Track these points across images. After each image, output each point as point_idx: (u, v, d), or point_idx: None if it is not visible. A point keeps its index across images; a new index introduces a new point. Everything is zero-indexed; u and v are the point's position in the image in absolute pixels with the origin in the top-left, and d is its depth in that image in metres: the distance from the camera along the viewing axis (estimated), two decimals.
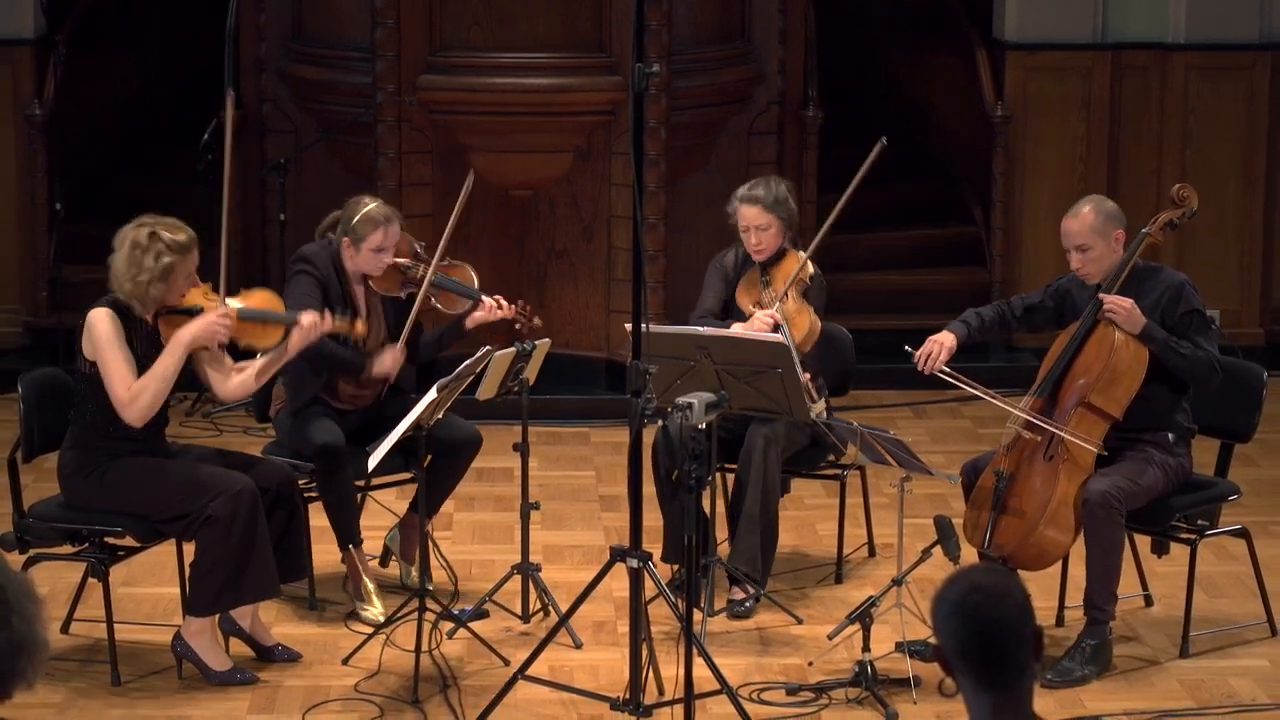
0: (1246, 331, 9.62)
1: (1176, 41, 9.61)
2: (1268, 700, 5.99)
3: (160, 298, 5.96)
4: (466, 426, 6.64)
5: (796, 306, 6.70)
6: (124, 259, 5.93)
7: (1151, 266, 6.33)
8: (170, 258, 5.92)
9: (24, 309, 9.49)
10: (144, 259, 5.90)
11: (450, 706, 5.86)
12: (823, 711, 5.90)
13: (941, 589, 3.17)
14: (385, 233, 6.51)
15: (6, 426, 8.04)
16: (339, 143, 8.97)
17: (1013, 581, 3.17)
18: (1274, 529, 7.48)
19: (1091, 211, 6.23)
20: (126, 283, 5.92)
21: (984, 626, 3.12)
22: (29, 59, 9.38)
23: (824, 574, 6.99)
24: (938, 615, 3.17)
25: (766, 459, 6.53)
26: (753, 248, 6.77)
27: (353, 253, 6.54)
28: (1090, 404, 6.14)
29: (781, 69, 9.24)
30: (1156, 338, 6.13)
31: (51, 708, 5.84)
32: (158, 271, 5.90)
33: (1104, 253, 6.21)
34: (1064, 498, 6.10)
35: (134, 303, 5.96)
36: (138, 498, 5.98)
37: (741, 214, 6.76)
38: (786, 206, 6.76)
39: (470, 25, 8.68)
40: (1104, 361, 6.14)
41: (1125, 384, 6.14)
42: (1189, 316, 6.17)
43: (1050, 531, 6.10)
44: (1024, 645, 3.12)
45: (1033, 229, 9.70)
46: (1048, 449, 6.17)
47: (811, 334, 6.67)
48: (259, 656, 6.19)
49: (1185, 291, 6.21)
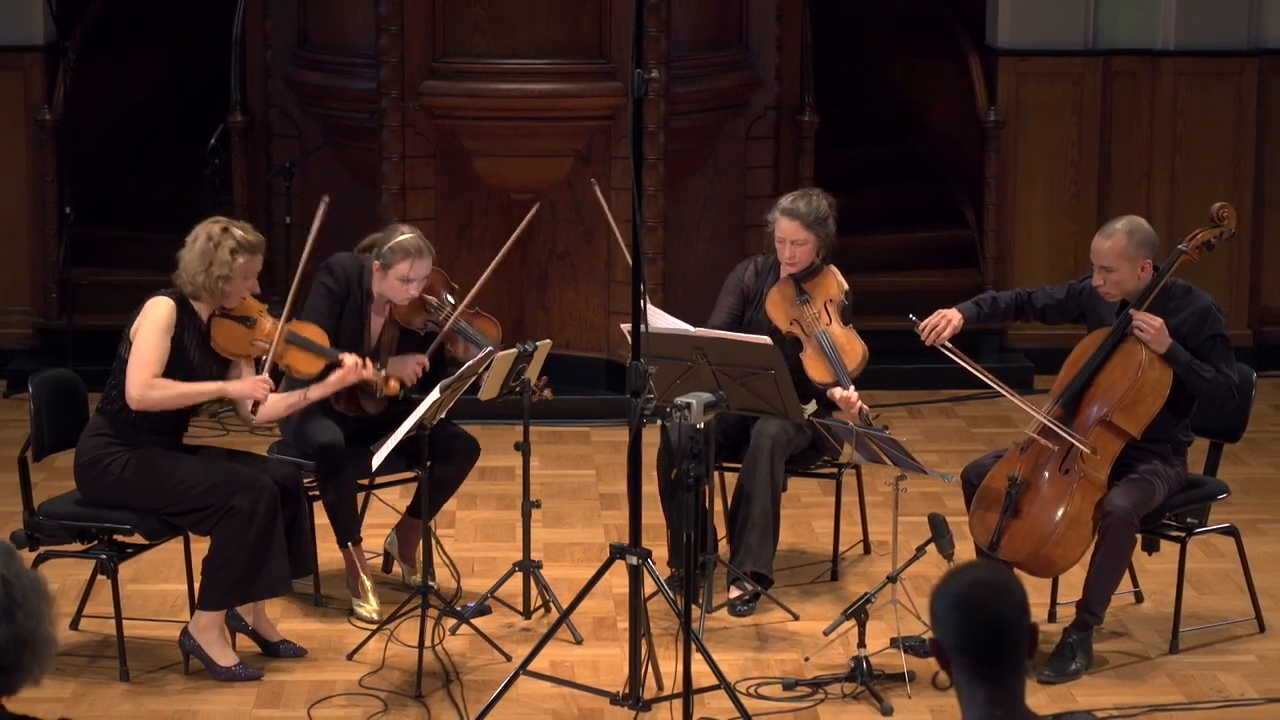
0: (1235, 333, 9.51)
1: (1166, 47, 9.63)
2: (1256, 695, 6.01)
3: (225, 294, 6.03)
4: (464, 435, 6.64)
5: (845, 334, 6.66)
6: (198, 252, 6.02)
7: (1183, 286, 6.25)
8: (243, 256, 6.02)
9: (34, 311, 9.51)
10: (218, 253, 5.99)
11: (453, 701, 5.88)
12: (819, 706, 5.91)
13: (941, 583, 3.19)
14: (414, 264, 6.47)
15: (17, 426, 8.11)
16: (344, 147, 8.99)
17: (1011, 578, 3.20)
18: (1262, 527, 7.49)
19: (1124, 237, 6.15)
20: (199, 275, 6.00)
21: (984, 620, 3.14)
22: (39, 64, 9.41)
23: (820, 571, 7.00)
24: (937, 609, 3.18)
25: (773, 463, 6.54)
26: (785, 261, 6.71)
27: (380, 277, 6.52)
28: (1110, 422, 6.10)
29: (778, 74, 9.23)
30: (1181, 360, 6.09)
31: (61, 702, 5.85)
32: (230, 267, 6.00)
33: (1127, 277, 6.15)
34: (1078, 515, 6.06)
35: (200, 296, 6.03)
36: (156, 488, 6.01)
37: (780, 227, 6.68)
38: (826, 226, 6.69)
39: (473, 31, 8.70)
40: (1130, 380, 6.09)
41: (1148, 404, 6.10)
42: (1213, 340, 6.14)
43: (1061, 548, 6.07)
44: (1021, 640, 3.15)
45: (1025, 232, 9.73)
46: (1064, 461, 6.12)
47: (864, 360, 6.62)
48: (265, 652, 6.22)
49: (1211, 315, 6.16)
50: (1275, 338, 9.86)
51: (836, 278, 6.75)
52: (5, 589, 3.04)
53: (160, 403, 5.99)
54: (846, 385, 6.53)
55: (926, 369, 9.29)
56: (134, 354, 5.98)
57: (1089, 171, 9.69)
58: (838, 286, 6.73)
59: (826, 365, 6.60)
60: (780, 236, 6.70)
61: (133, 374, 5.97)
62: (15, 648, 3.04)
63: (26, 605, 3.04)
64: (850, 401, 6.48)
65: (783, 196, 6.87)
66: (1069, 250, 9.77)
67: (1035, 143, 9.69)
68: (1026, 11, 9.67)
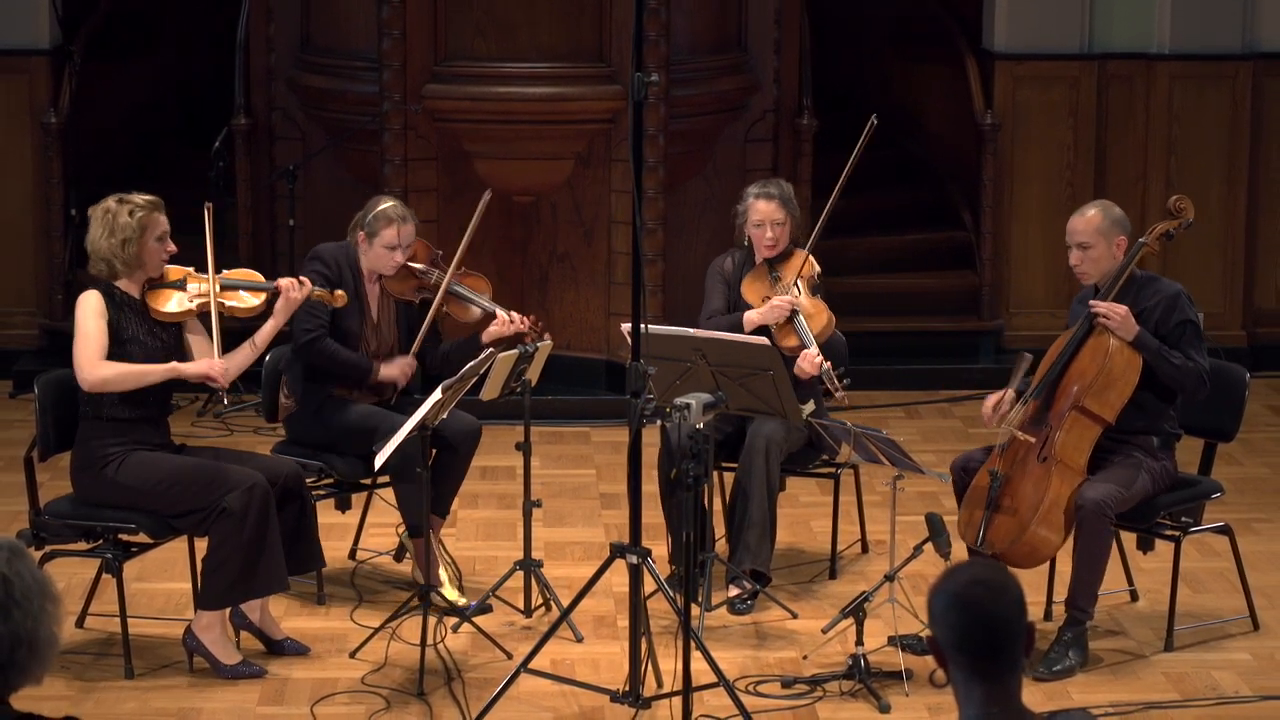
0: (1229, 334, 9.64)
1: (1161, 51, 9.66)
2: (1250, 693, 6.02)
3: (140, 259, 6.04)
4: (466, 419, 6.63)
5: (812, 302, 6.77)
6: (98, 226, 6.04)
7: (1148, 276, 6.33)
8: (141, 213, 6.03)
9: (40, 312, 9.56)
10: (117, 220, 6.02)
11: (454, 699, 5.89)
12: (817, 704, 5.91)
13: (940, 581, 3.21)
14: (398, 231, 6.53)
15: (23, 426, 8.16)
16: (347, 149, 9.01)
17: (1009, 577, 3.21)
18: (1256, 526, 7.52)
19: (1099, 214, 6.29)
20: (106, 247, 6.01)
21: (982, 619, 3.15)
22: (45, 68, 9.45)
23: (818, 570, 7.01)
24: (936, 607, 3.19)
25: (769, 462, 6.58)
26: (766, 242, 6.82)
27: (366, 248, 6.58)
28: (1084, 408, 6.16)
29: (777, 78, 9.26)
30: (1149, 346, 6.15)
31: (66, 700, 5.86)
32: (133, 228, 6.01)
33: (1103, 254, 6.25)
34: (1056, 499, 6.12)
35: (119, 272, 6.04)
36: (150, 494, 6.03)
37: (758, 209, 6.81)
38: (795, 204, 6.88)
39: (474, 36, 8.73)
40: (1098, 367, 6.16)
41: (1119, 389, 6.17)
42: (1182, 326, 6.19)
43: (1042, 531, 6.12)
44: (1018, 639, 3.17)
45: (1021, 233, 9.76)
46: (1041, 450, 6.19)
47: (830, 325, 6.74)
48: (268, 650, 6.23)
49: (1180, 301, 6.22)
50: (1269, 339, 9.88)
51: (807, 258, 6.85)
52: (5, 587, 3.04)
53: (112, 381, 6.00)
54: (809, 346, 6.64)
55: (924, 369, 9.35)
56: (76, 343, 6.01)
57: (1085, 174, 9.71)
58: (808, 265, 6.85)
59: (794, 331, 6.70)
60: (759, 219, 6.81)
61: (79, 358, 6.00)
62: (12, 646, 3.04)
63: (26, 604, 3.04)
64: (811, 359, 6.59)
65: (748, 186, 6.97)
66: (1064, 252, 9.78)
67: (1032, 145, 9.71)
68: (1023, 15, 9.69)
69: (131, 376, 6.03)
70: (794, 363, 6.65)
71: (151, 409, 6.14)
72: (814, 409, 6.72)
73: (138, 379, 6.05)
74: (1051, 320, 9.82)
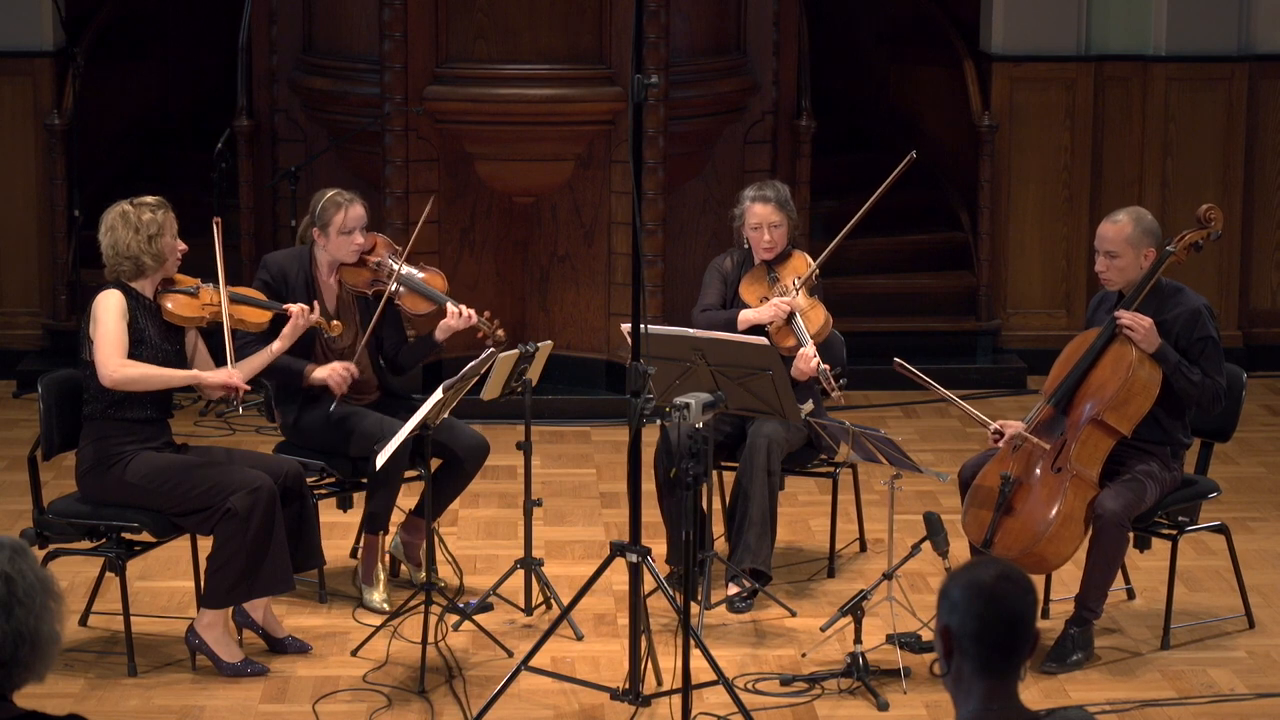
0: (1225, 334, 9.59)
1: (1157, 53, 9.68)
2: (1246, 690, 6.04)
3: (162, 254, 6.10)
4: (476, 435, 6.65)
5: (809, 302, 6.79)
6: (120, 228, 6.10)
7: (1174, 286, 6.27)
8: (160, 212, 6.11)
9: (44, 312, 9.58)
10: (140, 218, 6.08)
11: (455, 696, 5.91)
12: (815, 702, 5.93)
13: (964, 572, 3.21)
14: (346, 213, 6.56)
15: (27, 426, 8.20)
16: (348, 151, 9.03)
17: (1030, 580, 3.25)
18: (1252, 525, 7.53)
19: (1130, 222, 6.20)
20: (132, 244, 6.07)
21: (1006, 614, 3.17)
22: (49, 70, 9.47)
23: (817, 568, 7.02)
24: (957, 596, 3.19)
25: (770, 461, 6.60)
26: (763, 245, 6.84)
27: (324, 241, 6.60)
28: (1102, 421, 6.13)
29: (775, 80, 9.28)
30: (1169, 360, 6.12)
31: (70, 697, 5.89)
32: (157, 224, 6.09)
33: (1130, 264, 6.19)
34: (1070, 513, 6.08)
35: (141, 272, 6.10)
36: (157, 493, 6.05)
37: (755, 212, 6.83)
38: (791, 206, 6.90)
39: (475, 38, 8.74)
40: (1120, 379, 6.12)
41: (1138, 403, 6.13)
42: (1203, 343, 6.16)
43: (1055, 544, 6.09)
44: (1030, 641, 3.21)
45: (1018, 234, 9.78)
46: (1056, 459, 6.15)
47: (827, 325, 6.76)
48: (271, 648, 6.25)
49: (1202, 317, 6.18)
50: (1264, 339, 9.90)
51: (805, 259, 6.88)
52: (7, 585, 3.05)
53: (135, 381, 6.04)
54: (805, 344, 6.67)
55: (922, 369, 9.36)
56: (98, 342, 6.05)
57: (1081, 175, 9.73)
58: (806, 265, 6.87)
59: (791, 332, 6.73)
60: (756, 222, 6.83)
61: (101, 357, 6.03)
62: (15, 644, 3.05)
63: (28, 602, 3.05)
64: (808, 359, 6.61)
65: (744, 189, 6.99)
66: (1061, 253, 9.85)
67: (1029, 147, 9.73)
68: (1020, 18, 9.71)
69: (156, 379, 6.08)
70: (791, 363, 6.68)
71: (158, 410, 6.18)
72: (813, 409, 6.75)
73: (162, 382, 6.10)
74: (1048, 320, 9.87)
